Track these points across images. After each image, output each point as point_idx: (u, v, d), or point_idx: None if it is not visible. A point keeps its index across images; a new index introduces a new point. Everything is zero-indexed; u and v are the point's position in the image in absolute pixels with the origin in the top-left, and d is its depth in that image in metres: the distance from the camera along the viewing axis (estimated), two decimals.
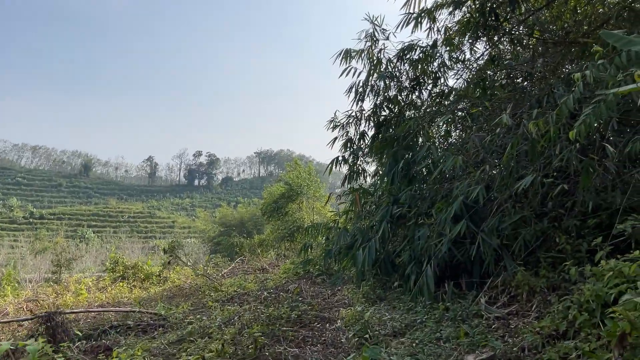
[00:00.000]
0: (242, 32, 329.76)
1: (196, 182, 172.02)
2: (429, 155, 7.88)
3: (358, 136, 10.38)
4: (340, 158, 10.01)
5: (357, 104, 10.27)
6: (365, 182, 10.92)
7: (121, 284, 16.24)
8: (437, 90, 10.36)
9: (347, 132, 10.45)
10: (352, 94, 10.27)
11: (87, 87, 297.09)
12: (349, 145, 10.35)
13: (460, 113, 9.60)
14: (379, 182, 8.86)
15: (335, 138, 10.37)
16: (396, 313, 6.38)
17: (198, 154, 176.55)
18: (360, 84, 10.12)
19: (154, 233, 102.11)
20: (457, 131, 9.98)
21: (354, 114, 10.31)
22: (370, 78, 10.02)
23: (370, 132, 10.34)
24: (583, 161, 5.47)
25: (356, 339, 5.17)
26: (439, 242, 6.48)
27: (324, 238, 10.79)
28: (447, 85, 10.30)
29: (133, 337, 6.60)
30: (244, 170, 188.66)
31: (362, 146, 10.34)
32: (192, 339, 5.86)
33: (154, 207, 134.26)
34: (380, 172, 9.24)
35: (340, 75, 10.13)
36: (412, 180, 8.20)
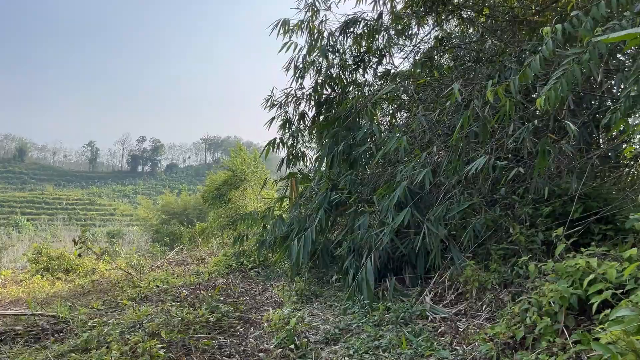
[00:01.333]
0: (185, 15, 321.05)
1: (140, 169, 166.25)
2: (371, 136, 7.16)
3: (297, 116, 9.53)
4: (277, 140, 9.12)
5: (296, 81, 9.40)
6: (306, 167, 10.13)
7: (38, 277, 14.79)
8: (383, 70, 9.65)
9: (286, 111, 9.57)
10: (292, 70, 9.41)
11: (22, 67, 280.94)
12: (287, 126, 9.48)
13: (404, 96, 8.96)
14: (317, 166, 8.05)
15: (273, 118, 9.47)
16: (331, 313, 5.63)
17: (142, 139, 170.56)
18: (300, 60, 9.25)
19: (94, 221, 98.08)
20: (402, 113, 9.32)
21: (293, 92, 9.43)
22: (311, 53, 9.17)
23: (311, 113, 9.52)
24: (539, 142, 4.85)
25: (280, 349, 4.35)
26: (380, 232, 5.76)
27: (261, 227, 9.93)
28: (393, 64, 9.61)
29: (21, 346, 5.55)
30: (189, 157, 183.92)
31: (301, 127, 9.51)
32: (87, 347, 4.91)
33: (94, 194, 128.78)
34: (320, 155, 8.44)
35: (280, 50, 9.20)
36: (353, 164, 7.46)
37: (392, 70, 9.50)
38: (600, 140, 6.63)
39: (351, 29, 9.10)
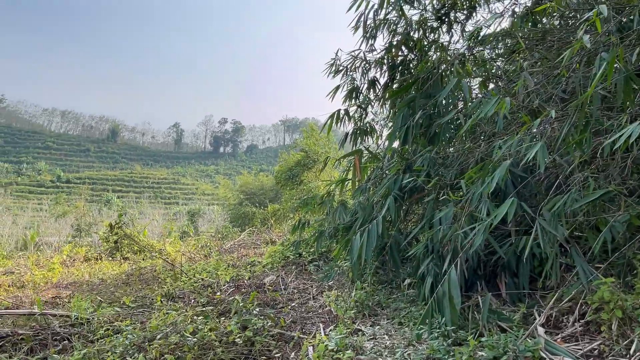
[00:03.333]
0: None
1: (221, 150, 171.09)
2: (457, 103, 5.55)
3: (366, 84, 8.00)
4: (342, 112, 7.64)
5: (366, 42, 7.86)
6: (377, 144, 8.62)
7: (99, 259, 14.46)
8: (472, 29, 7.86)
9: (353, 78, 8.07)
10: (361, 29, 7.88)
11: (116, 53, 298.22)
12: (354, 95, 7.99)
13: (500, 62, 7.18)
14: (388, 142, 6.49)
15: (338, 87, 8.00)
16: (400, 337, 4.17)
17: (224, 121, 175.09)
18: (371, 16, 7.69)
19: (177, 199, 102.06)
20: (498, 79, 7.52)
21: (361, 54, 7.90)
22: (385, 6, 7.57)
23: (383, 80, 7.96)
24: None
25: None
26: (471, 229, 4.18)
27: (323, 214, 8.54)
28: (485, 22, 7.80)
29: (23, 354, 4.62)
30: (269, 139, 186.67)
31: (371, 97, 7.98)
32: None
33: (178, 173, 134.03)
34: (391, 128, 6.86)
35: (349, 8, 7.70)
36: (433, 139, 5.87)
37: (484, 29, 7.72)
38: None
39: None
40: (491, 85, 7.57)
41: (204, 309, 5.09)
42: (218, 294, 5.55)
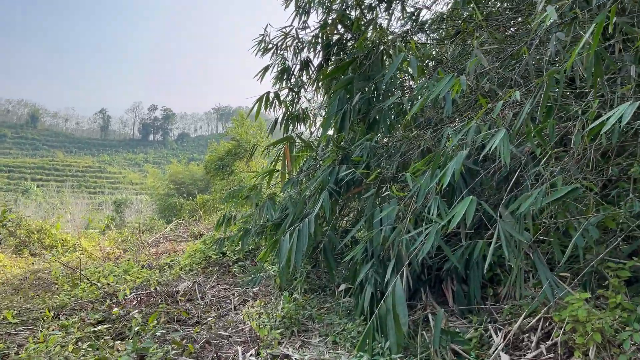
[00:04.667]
0: None
1: (151, 137, 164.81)
2: (401, 83, 4.88)
3: (299, 65, 7.21)
4: (272, 95, 6.79)
5: (299, 18, 7.07)
6: (310, 132, 7.86)
7: (1, 255, 12.86)
8: (412, 10, 7.26)
9: (284, 58, 7.25)
10: (292, 4, 7.10)
11: (36, 35, 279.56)
12: (285, 77, 7.19)
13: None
14: (322, 126, 5.71)
15: (267, 67, 7.15)
16: None
17: (153, 107, 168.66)
18: None
19: (103, 189, 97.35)
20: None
21: (293, 31, 7.09)
22: None
23: (317, 61, 7.20)
24: None
25: None
26: (419, 232, 3.50)
27: (252, 207, 7.67)
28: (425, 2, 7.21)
29: None
30: (201, 127, 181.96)
31: (304, 79, 7.20)
32: None
33: (105, 161, 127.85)
34: (326, 114, 6.09)
35: None
36: (372, 126, 5.18)
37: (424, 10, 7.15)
38: None
39: None
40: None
41: (97, 328, 4.15)
42: (116, 309, 4.59)
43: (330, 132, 5.66)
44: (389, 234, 3.94)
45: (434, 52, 6.83)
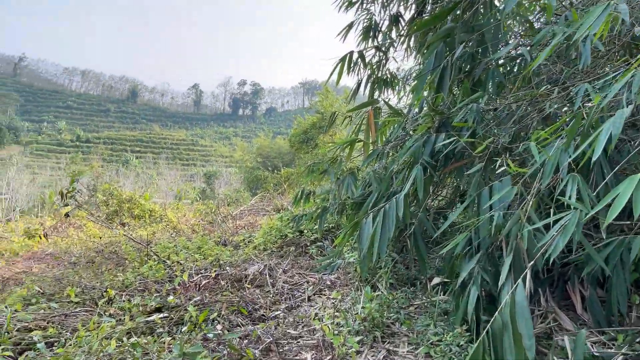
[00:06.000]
0: None
1: (240, 112, 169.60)
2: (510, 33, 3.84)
3: (387, 20, 6.27)
4: (355, 55, 5.92)
5: None
6: (398, 99, 6.95)
7: (90, 224, 13.22)
8: None
9: (370, 13, 6.34)
10: None
11: (134, 14, 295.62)
12: (371, 34, 6.29)
13: None
14: (414, 89, 4.76)
15: (350, 24, 6.29)
16: None
17: (242, 82, 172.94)
18: None
19: (195, 161, 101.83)
20: None
21: None
22: None
23: (408, 14, 6.22)
24: None
25: None
26: (553, 221, 2.56)
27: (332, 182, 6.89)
28: None
29: None
30: (288, 101, 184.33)
31: (393, 36, 6.26)
32: None
33: (197, 135, 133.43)
34: (419, 72, 5.11)
35: None
36: (478, 85, 4.19)
37: None
38: None
39: None
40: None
41: (152, 318, 3.63)
42: (171, 297, 4.06)
43: (424, 93, 4.72)
44: (502, 222, 3.01)
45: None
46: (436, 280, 4.11)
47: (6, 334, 3.54)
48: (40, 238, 10.57)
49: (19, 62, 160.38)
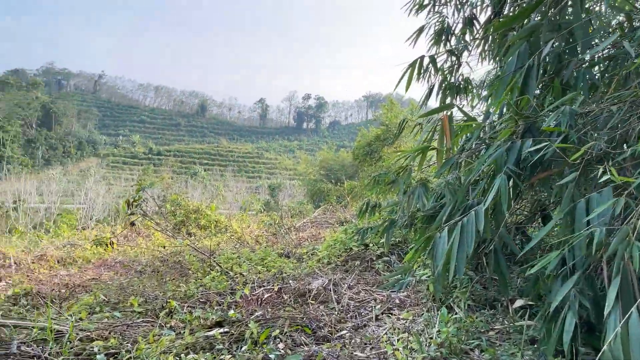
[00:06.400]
0: None
1: (305, 125, 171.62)
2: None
3: (461, 22, 5.92)
4: (426, 59, 5.60)
5: None
6: (471, 107, 6.54)
7: (157, 234, 13.48)
8: None
9: (442, 15, 6.02)
10: None
11: (203, 32, 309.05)
12: (444, 38, 5.96)
13: None
14: (493, 93, 4.36)
15: (421, 28, 5.99)
16: None
17: (307, 96, 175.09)
18: None
19: (260, 173, 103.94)
20: None
21: None
22: None
23: (484, 16, 5.85)
24: None
25: None
26: None
27: (400, 194, 6.54)
28: None
29: None
30: (351, 115, 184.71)
31: (467, 38, 5.90)
32: None
33: (262, 148, 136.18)
34: (499, 75, 4.69)
35: None
36: (567, 87, 3.77)
37: None
38: None
39: None
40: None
41: (212, 333, 3.46)
42: (232, 311, 3.88)
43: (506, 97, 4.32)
44: (602, 240, 2.60)
45: None
46: (519, 302, 3.70)
47: (68, 343, 3.48)
48: (106, 246, 10.86)
49: (98, 79, 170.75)
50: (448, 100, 5.86)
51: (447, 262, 3.40)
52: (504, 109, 4.27)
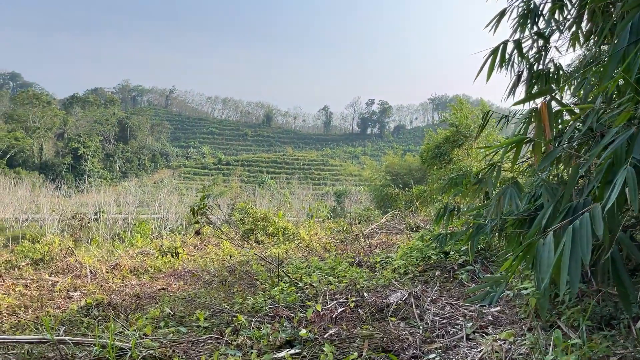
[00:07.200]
0: None
1: (369, 131, 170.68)
2: None
3: (550, 2, 5.27)
4: (511, 46, 5.00)
5: None
6: (561, 93, 5.82)
7: (226, 243, 13.42)
8: None
9: None
10: None
11: (265, 43, 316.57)
12: (529, 20, 5.33)
13: None
14: (597, 75, 3.68)
15: (503, 11, 5.39)
16: None
17: (370, 102, 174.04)
18: None
19: (326, 180, 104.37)
20: None
21: None
22: None
23: None
24: None
25: None
26: None
27: (481, 197, 5.90)
28: None
29: None
30: (416, 118, 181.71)
31: (558, 19, 5.23)
32: None
33: (327, 155, 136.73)
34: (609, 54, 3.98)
35: None
36: None
37: None
38: None
39: None
40: None
41: (281, 355, 3.07)
42: (304, 331, 3.47)
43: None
44: None
45: None
46: None
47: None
48: (172, 256, 10.87)
49: (169, 94, 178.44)
50: (534, 91, 5.22)
51: (555, 274, 2.83)
52: (611, 94, 3.62)
